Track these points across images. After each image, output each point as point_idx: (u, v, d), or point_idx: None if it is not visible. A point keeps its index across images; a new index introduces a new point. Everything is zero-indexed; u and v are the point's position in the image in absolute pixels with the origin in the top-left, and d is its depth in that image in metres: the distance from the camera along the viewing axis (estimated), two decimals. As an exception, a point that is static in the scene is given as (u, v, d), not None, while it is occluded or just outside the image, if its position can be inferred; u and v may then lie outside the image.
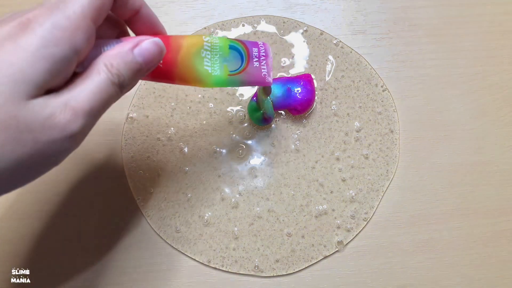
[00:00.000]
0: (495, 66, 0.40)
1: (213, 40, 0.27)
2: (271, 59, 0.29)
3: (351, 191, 0.37)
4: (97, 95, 0.20)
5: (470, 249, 0.36)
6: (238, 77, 0.27)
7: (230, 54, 0.27)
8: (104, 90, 0.20)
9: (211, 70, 0.26)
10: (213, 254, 0.35)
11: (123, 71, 0.21)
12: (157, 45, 0.22)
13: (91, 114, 0.20)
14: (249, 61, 0.28)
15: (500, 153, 0.38)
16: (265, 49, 0.29)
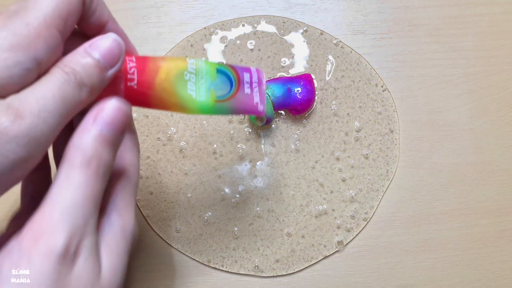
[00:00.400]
0: (495, 66, 0.40)
1: (199, 62, 0.24)
2: (265, 86, 0.27)
3: (351, 191, 0.37)
4: (50, 95, 0.18)
5: (470, 249, 0.36)
6: (226, 104, 0.25)
7: (218, 79, 0.25)
8: (59, 89, 0.18)
9: (196, 95, 0.23)
10: (213, 254, 0.35)
11: (79, 68, 0.19)
12: (112, 39, 0.20)
13: (42, 115, 0.17)
14: (239, 87, 0.25)
15: (500, 153, 0.38)
16: (258, 75, 0.27)
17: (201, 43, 0.39)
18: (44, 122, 0.17)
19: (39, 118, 0.17)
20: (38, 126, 0.17)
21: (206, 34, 0.40)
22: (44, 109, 0.17)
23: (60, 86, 0.18)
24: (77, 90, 0.19)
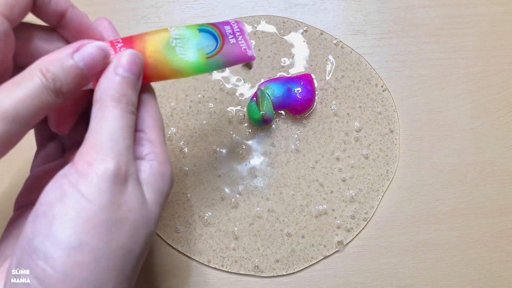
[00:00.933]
0: (495, 66, 0.40)
1: (180, 28, 0.25)
2: (247, 34, 0.27)
3: (351, 191, 0.37)
4: (26, 101, 0.18)
5: (470, 249, 0.36)
6: (217, 58, 0.25)
7: (202, 37, 0.25)
8: (36, 96, 0.18)
9: (187, 58, 0.24)
10: (213, 254, 0.35)
11: (61, 76, 0.19)
12: (100, 50, 0.21)
13: (17, 120, 0.18)
14: (224, 39, 0.26)
15: (500, 153, 0.38)
16: (238, 26, 0.27)
17: (201, 43, 0.39)
18: (16, 126, 0.18)
19: (14, 124, 0.18)
20: (11, 130, 0.18)
21: (206, 34, 0.39)
22: (19, 115, 0.18)
23: (38, 93, 0.19)
24: (53, 97, 0.19)
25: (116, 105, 0.20)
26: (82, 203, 0.18)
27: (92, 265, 0.18)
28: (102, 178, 0.19)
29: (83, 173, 0.19)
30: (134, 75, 0.21)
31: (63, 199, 0.18)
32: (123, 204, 0.19)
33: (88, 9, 0.36)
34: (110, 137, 0.19)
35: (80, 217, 0.18)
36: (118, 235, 0.19)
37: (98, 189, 0.18)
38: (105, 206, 0.19)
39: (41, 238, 0.18)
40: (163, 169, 0.22)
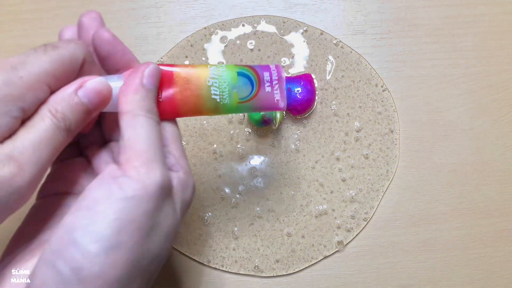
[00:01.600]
0: (495, 66, 0.40)
1: (220, 68, 0.26)
2: (284, 81, 0.28)
3: (351, 191, 0.37)
4: (42, 144, 0.19)
5: (470, 249, 0.36)
6: (249, 104, 0.26)
7: (239, 81, 0.26)
8: (50, 137, 0.20)
9: (220, 99, 0.25)
10: (213, 254, 0.35)
11: (69, 115, 0.20)
12: (102, 84, 0.22)
13: (39, 164, 0.19)
14: (260, 86, 0.27)
15: (500, 153, 0.38)
16: (277, 72, 0.28)
17: (201, 43, 0.39)
18: (40, 173, 0.19)
19: (36, 168, 0.19)
20: (36, 176, 0.19)
21: (206, 34, 0.40)
22: (40, 158, 0.19)
23: (52, 134, 0.20)
24: (65, 136, 0.21)
25: (148, 115, 0.21)
26: (128, 205, 0.19)
27: (125, 265, 0.19)
28: (152, 186, 0.20)
29: (133, 178, 0.19)
30: (155, 88, 0.23)
31: (110, 198, 0.19)
32: (162, 211, 0.20)
33: (88, 9, 0.36)
34: (153, 146, 0.21)
35: (124, 218, 0.19)
36: (152, 240, 0.20)
37: (147, 196, 0.19)
38: (148, 212, 0.19)
39: (82, 232, 0.18)
40: (188, 180, 0.23)
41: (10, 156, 0.18)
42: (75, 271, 0.18)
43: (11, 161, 0.18)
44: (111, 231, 0.18)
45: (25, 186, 0.19)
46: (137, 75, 0.22)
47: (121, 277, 0.19)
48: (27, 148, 0.19)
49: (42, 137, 0.19)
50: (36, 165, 0.19)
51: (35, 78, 0.19)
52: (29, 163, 0.19)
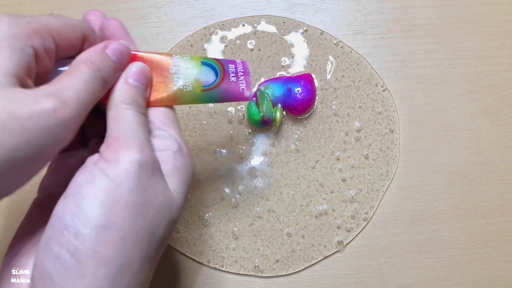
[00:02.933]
0: (495, 66, 0.40)
1: (184, 57, 0.26)
2: (250, 76, 0.28)
3: (351, 191, 0.37)
4: (82, 87, 0.20)
5: (470, 249, 0.36)
6: (213, 92, 0.26)
7: (203, 70, 0.26)
8: (90, 83, 0.21)
9: (183, 87, 0.25)
10: (213, 254, 0.35)
11: (102, 67, 0.22)
12: (124, 46, 0.24)
13: (80, 104, 0.20)
14: (225, 76, 0.27)
15: (500, 153, 0.38)
16: (243, 66, 0.28)
17: (201, 43, 0.39)
18: (80, 114, 0.20)
19: (78, 107, 0.20)
20: (79, 113, 0.20)
21: (206, 34, 0.40)
22: (81, 98, 0.20)
23: (90, 81, 0.21)
24: (101, 85, 0.22)
25: (129, 107, 0.22)
26: (110, 186, 0.19)
27: (119, 244, 0.19)
28: (129, 163, 0.20)
29: (111, 160, 0.20)
30: (142, 85, 0.24)
31: (92, 181, 0.20)
32: (148, 188, 0.21)
33: (88, 9, 0.36)
34: (131, 131, 0.21)
35: (108, 199, 0.19)
36: (143, 217, 0.20)
37: (126, 174, 0.20)
38: (132, 189, 0.20)
39: (71, 216, 0.19)
40: (186, 161, 0.24)
41: (51, 92, 0.19)
42: (71, 253, 0.19)
43: (53, 96, 0.19)
44: (98, 211, 0.19)
45: (69, 119, 0.19)
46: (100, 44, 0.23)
47: (116, 255, 0.19)
48: (68, 88, 0.20)
49: (82, 81, 0.20)
50: (78, 103, 0.20)
51: (42, 26, 0.20)
52: (71, 99, 0.19)
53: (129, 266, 0.20)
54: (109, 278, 0.19)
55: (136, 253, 0.20)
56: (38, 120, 0.18)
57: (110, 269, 0.19)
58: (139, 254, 0.20)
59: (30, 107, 0.18)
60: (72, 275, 0.18)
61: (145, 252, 0.20)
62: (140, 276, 0.20)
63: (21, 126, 0.18)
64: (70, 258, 0.19)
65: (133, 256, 0.20)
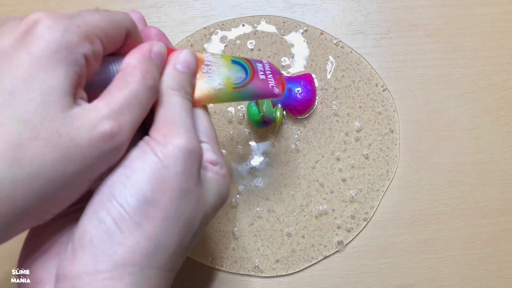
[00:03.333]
0: (495, 66, 0.40)
1: (215, 55, 0.27)
2: (279, 73, 0.28)
3: (351, 191, 0.37)
4: (137, 105, 0.20)
5: (470, 249, 0.36)
6: (244, 90, 0.26)
7: (234, 68, 0.27)
8: (143, 97, 0.21)
9: (214, 84, 0.25)
10: (213, 254, 0.35)
11: (153, 74, 0.22)
12: (164, 48, 0.24)
13: (134, 125, 0.20)
14: (254, 74, 0.27)
15: (500, 153, 0.38)
16: (270, 66, 0.29)
17: (201, 43, 0.39)
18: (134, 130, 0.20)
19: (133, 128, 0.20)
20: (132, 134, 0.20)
21: (206, 34, 0.40)
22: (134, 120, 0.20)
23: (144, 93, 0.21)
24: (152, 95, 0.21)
25: (177, 93, 0.23)
26: (159, 165, 0.20)
27: (161, 222, 0.20)
28: (177, 148, 0.20)
29: (161, 143, 0.20)
30: (190, 71, 0.24)
31: (143, 157, 0.20)
32: (192, 176, 0.21)
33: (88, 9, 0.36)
34: (178, 117, 0.22)
35: (156, 177, 0.20)
36: (185, 204, 0.21)
37: (174, 157, 0.20)
38: (178, 173, 0.20)
39: (121, 185, 0.20)
40: (226, 180, 0.24)
41: (109, 115, 0.19)
42: (116, 221, 0.19)
43: (111, 119, 0.19)
44: (146, 186, 0.19)
45: (124, 143, 0.20)
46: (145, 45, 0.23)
47: (157, 233, 0.20)
48: (123, 108, 0.20)
49: (135, 96, 0.20)
50: (132, 126, 0.20)
51: (91, 29, 0.20)
52: (127, 123, 0.19)
53: (166, 247, 0.20)
54: (147, 253, 0.19)
55: (174, 237, 0.20)
56: (97, 147, 0.18)
57: (149, 244, 0.19)
58: (177, 238, 0.20)
59: (90, 133, 0.18)
60: (113, 241, 0.19)
61: (182, 239, 0.21)
62: (172, 261, 0.21)
63: (81, 154, 0.18)
64: (113, 224, 0.19)
65: (171, 239, 0.20)
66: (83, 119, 0.18)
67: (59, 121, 0.17)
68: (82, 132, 0.18)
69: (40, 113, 0.17)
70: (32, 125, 0.17)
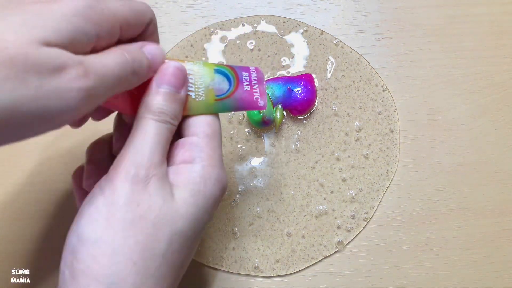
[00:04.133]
0: (495, 66, 0.40)
1: (196, 64, 0.25)
2: (265, 84, 0.27)
3: (351, 191, 0.37)
4: (111, 66, 0.20)
5: (470, 249, 0.36)
6: (226, 102, 0.25)
7: (216, 78, 0.25)
8: (119, 65, 0.21)
9: (195, 96, 0.24)
10: (213, 254, 0.35)
11: (136, 60, 0.22)
12: (159, 49, 0.24)
13: (103, 81, 0.20)
14: (238, 84, 0.26)
15: (500, 153, 0.38)
16: (257, 73, 0.27)
17: (201, 43, 0.39)
18: (101, 85, 0.20)
19: (100, 83, 0.20)
20: (97, 87, 0.20)
21: (206, 34, 0.40)
22: (105, 75, 0.20)
23: (121, 64, 0.21)
24: (130, 73, 0.21)
25: (151, 117, 0.22)
26: (104, 203, 0.21)
27: (108, 259, 0.20)
28: (122, 180, 0.21)
29: (110, 177, 0.21)
30: (173, 87, 0.23)
31: (90, 201, 0.21)
32: (141, 203, 0.21)
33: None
34: (141, 144, 0.22)
35: (101, 216, 0.20)
36: (136, 232, 0.20)
37: (118, 191, 0.21)
38: (123, 205, 0.20)
39: (72, 234, 0.21)
40: (207, 173, 0.23)
41: (81, 61, 0.19)
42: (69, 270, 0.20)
43: (80, 65, 0.19)
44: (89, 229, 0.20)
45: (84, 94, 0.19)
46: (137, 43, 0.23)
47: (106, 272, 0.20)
48: (98, 62, 0.20)
49: (112, 61, 0.20)
50: (100, 81, 0.20)
51: (113, 15, 0.21)
52: (95, 74, 0.19)
53: (121, 281, 0.20)
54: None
55: (129, 269, 0.20)
56: (57, 80, 0.18)
57: (99, 285, 0.19)
58: (134, 269, 0.20)
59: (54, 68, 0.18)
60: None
61: (142, 268, 0.20)
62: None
63: (39, 82, 0.17)
64: (68, 274, 0.20)
65: (125, 272, 0.20)
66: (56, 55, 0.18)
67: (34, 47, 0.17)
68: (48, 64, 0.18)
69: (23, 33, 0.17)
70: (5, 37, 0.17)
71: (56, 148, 0.37)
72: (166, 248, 0.21)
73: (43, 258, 0.34)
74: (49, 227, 0.35)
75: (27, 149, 0.37)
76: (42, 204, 0.36)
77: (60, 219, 0.35)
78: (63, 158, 0.37)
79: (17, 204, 0.36)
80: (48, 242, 0.35)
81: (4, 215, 0.36)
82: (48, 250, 0.35)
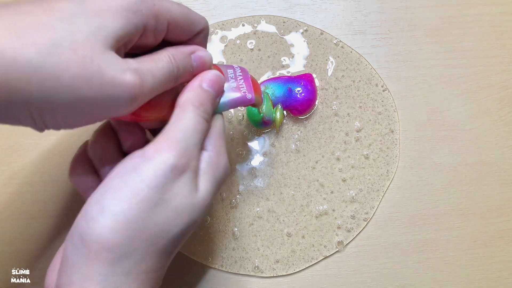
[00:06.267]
0: (495, 66, 0.40)
1: None
2: (250, 79, 0.28)
3: (352, 191, 0.37)
4: (160, 74, 0.22)
5: (470, 249, 0.36)
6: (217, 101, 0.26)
7: None
8: (166, 73, 0.22)
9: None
10: (213, 254, 0.35)
11: (181, 67, 0.24)
12: (209, 56, 0.26)
13: (152, 89, 0.22)
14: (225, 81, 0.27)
15: (500, 153, 0.38)
16: (241, 70, 0.28)
17: (201, 43, 0.39)
18: (151, 90, 0.22)
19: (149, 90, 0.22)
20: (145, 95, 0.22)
21: (206, 34, 0.39)
22: (154, 80, 0.22)
23: (167, 71, 0.23)
24: (172, 81, 0.23)
25: (195, 110, 0.24)
26: (136, 180, 0.21)
27: (124, 233, 0.21)
28: (160, 164, 0.21)
29: (148, 157, 0.22)
30: (214, 91, 0.25)
31: (122, 176, 0.22)
32: (170, 190, 0.22)
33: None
34: (182, 133, 0.23)
35: (129, 191, 0.21)
36: (156, 214, 0.21)
37: (154, 172, 0.21)
38: (153, 187, 0.21)
39: (92, 203, 0.21)
40: (219, 159, 0.25)
41: (137, 69, 0.21)
42: (82, 236, 0.21)
43: (137, 73, 0.21)
44: (114, 202, 0.21)
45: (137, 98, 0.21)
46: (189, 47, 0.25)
47: (121, 243, 0.20)
48: (148, 71, 0.21)
49: (161, 68, 0.22)
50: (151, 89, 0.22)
51: (163, 12, 0.22)
52: (147, 82, 0.21)
53: (131, 253, 0.21)
54: (109, 262, 0.20)
55: (140, 244, 0.21)
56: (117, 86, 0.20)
57: (110, 254, 0.20)
58: (144, 245, 0.21)
59: (116, 74, 0.20)
60: (81, 255, 0.20)
61: (152, 245, 0.22)
62: (143, 264, 0.21)
63: (101, 86, 0.19)
64: (79, 240, 0.20)
65: (136, 245, 0.21)
66: (116, 61, 0.20)
67: (97, 51, 0.19)
68: (110, 69, 0.20)
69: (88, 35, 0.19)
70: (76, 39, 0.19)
71: (56, 148, 0.37)
72: (180, 232, 0.22)
73: (43, 258, 0.34)
74: (49, 227, 0.35)
75: (27, 149, 0.37)
76: (42, 204, 0.36)
77: (60, 219, 0.35)
78: (63, 158, 0.37)
79: (17, 204, 0.36)
80: (48, 242, 0.35)
81: (4, 215, 0.36)
82: (48, 250, 0.35)
